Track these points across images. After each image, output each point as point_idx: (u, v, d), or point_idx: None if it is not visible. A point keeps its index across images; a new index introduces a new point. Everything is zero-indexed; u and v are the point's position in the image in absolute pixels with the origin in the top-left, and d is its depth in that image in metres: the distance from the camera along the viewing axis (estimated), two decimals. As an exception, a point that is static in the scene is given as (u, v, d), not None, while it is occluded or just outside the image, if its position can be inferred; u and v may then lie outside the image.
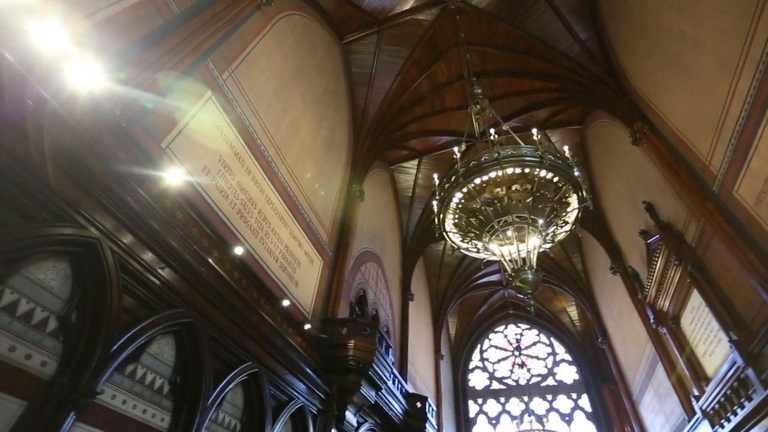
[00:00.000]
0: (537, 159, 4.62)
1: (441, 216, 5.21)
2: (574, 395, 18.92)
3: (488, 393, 20.04)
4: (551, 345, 21.23)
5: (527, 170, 4.67)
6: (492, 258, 5.40)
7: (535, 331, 21.96)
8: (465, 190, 4.89)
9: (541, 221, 4.81)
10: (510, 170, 4.67)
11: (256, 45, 7.39)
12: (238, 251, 5.33)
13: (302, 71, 9.30)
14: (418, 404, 10.05)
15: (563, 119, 13.28)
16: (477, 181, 4.79)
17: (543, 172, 4.66)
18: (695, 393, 8.62)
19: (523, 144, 4.92)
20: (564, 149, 5.19)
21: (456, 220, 5.22)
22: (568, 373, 19.85)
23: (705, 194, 7.44)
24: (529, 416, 16.55)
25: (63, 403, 3.04)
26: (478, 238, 5.18)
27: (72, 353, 3.24)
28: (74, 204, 3.31)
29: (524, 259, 4.75)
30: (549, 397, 19.08)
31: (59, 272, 3.30)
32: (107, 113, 3.70)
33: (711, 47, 6.76)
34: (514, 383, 20.08)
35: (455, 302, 18.87)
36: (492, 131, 5.27)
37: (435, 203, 5.25)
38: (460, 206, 5.04)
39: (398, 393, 9.30)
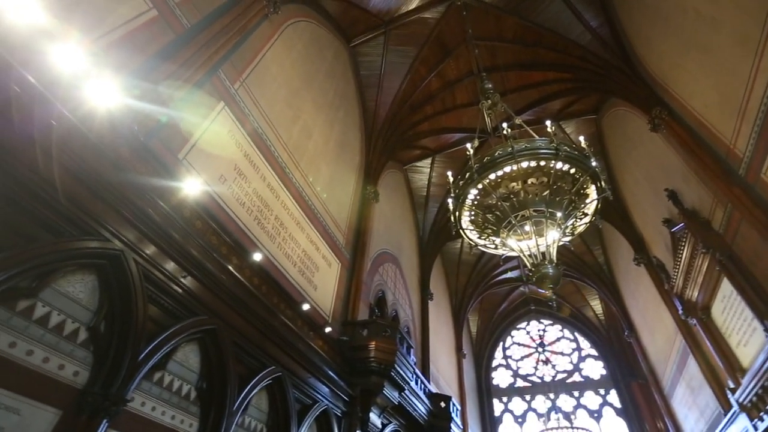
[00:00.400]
0: (552, 151, 4.53)
1: (457, 213, 5.16)
2: (602, 391, 18.46)
3: (513, 391, 19.75)
4: (576, 340, 20.79)
5: (543, 163, 4.59)
6: (510, 254, 5.33)
7: (559, 327, 21.55)
8: (480, 186, 4.83)
9: (560, 214, 4.71)
10: (525, 164, 4.59)
11: (266, 54, 7.49)
12: (257, 257, 5.40)
13: (312, 77, 9.38)
14: (442, 404, 9.99)
15: (578, 109, 13.03)
16: (492, 177, 4.73)
17: (559, 164, 4.56)
18: (731, 385, 8.31)
19: (537, 137, 4.85)
20: (580, 140, 5.08)
21: (472, 217, 5.17)
22: (595, 369, 19.40)
23: (731, 178, 7.18)
24: (556, 414, 16.22)
25: (96, 411, 3.13)
26: (496, 234, 5.12)
27: (102, 363, 3.33)
28: (98, 218, 3.41)
29: (544, 254, 4.67)
30: (576, 394, 18.68)
31: (87, 284, 3.40)
32: (125, 128, 3.80)
33: (729, 25, 6.52)
34: (539, 380, 19.72)
35: (475, 300, 18.69)
36: (505, 125, 5.21)
37: (450, 201, 5.21)
38: (476, 203, 4.99)
39: (421, 393, 9.26)
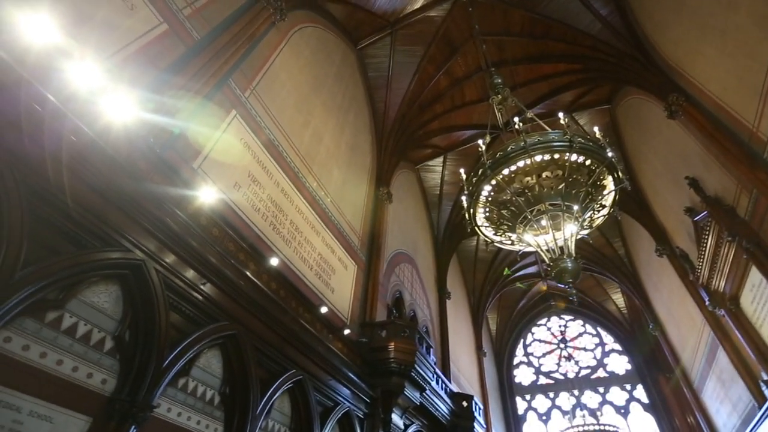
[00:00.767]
0: (566, 143, 4.45)
1: (471, 211, 5.12)
2: (628, 386, 18.03)
3: (536, 388, 19.46)
4: (598, 335, 20.38)
5: (557, 156, 4.51)
6: (528, 249, 5.25)
7: (580, 322, 21.16)
8: (493, 182, 4.78)
9: (577, 207, 4.63)
10: (538, 157, 4.52)
11: (274, 61, 7.58)
12: (274, 262, 5.45)
13: (320, 81, 9.45)
14: (464, 403, 9.90)
15: (590, 100, 12.79)
16: (505, 172, 4.67)
17: (573, 156, 4.48)
18: (765, 377, 8.01)
19: (550, 129, 4.77)
20: (594, 130, 4.98)
21: (487, 214, 5.12)
22: (620, 364, 18.97)
23: (755, 163, 6.93)
24: (582, 410, 15.92)
25: (124, 418, 3.21)
26: (512, 230, 5.05)
27: (128, 370, 3.41)
28: (119, 229, 3.50)
29: (562, 248, 4.59)
30: (601, 390, 18.29)
31: (111, 294, 3.49)
32: (141, 141, 3.89)
33: (746, 5, 6.32)
34: (562, 377, 19.39)
35: (493, 297, 18.50)
36: (516, 120, 5.14)
37: (464, 198, 5.17)
38: (490, 199, 4.94)
39: (443, 393, 9.20)
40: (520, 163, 4.59)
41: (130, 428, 3.22)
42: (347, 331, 6.86)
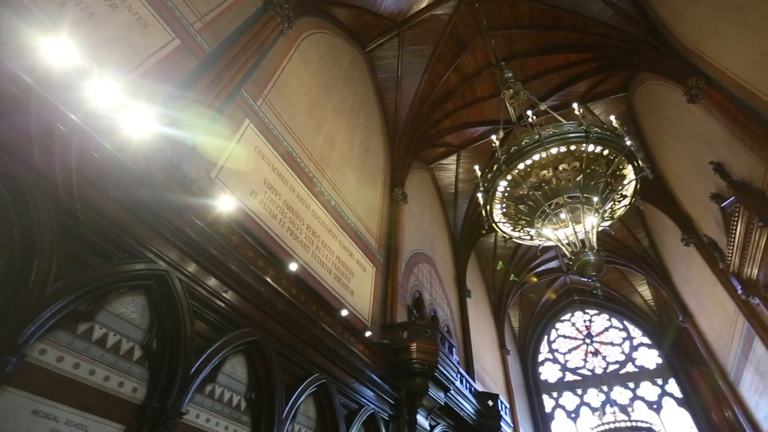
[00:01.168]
0: (582, 134, 4.37)
1: (488, 207, 5.07)
2: (660, 381, 17.48)
3: (562, 385, 19.07)
4: (625, 329, 19.84)
5: (573, 147, 4.43)
6: (547, 244, 5.16)
7: (606, 316, 20.65)
8: (509, 178, 4.73)
9: (596, 198, 4.54)
10: (554, 150, 4.46)
11: (284, 68, 7.67)
12: (293, 267, 5.51)
13: (330, 85, 9.52)
14: (490, 402, 9.79)
15: (605, 89, 12.50)
16: (520, 166, 4.62)
17: (590, 147, 4.40)
18: (805, 367, 7.66)
19: (565, 121, 4.68)
20: (611, 119, 4.87)
21: (504, 210, 5.06)
22: (650, 358, 18.41)
23: (784, 144, 6.67)
24: (612, 407, 15.51)
25: (155, 425, 3.28)
26: (530, 225, 4.98)
27: (157, 378, 3.50)
28: (142, 240, 3.59)
29: (583, 241, 4.50)
30: (631, 385, 17.79)
31: (137, 305, 3.59)
32: (160, 154, 3.99)
33: (767, -19, 6.08)
34: (590, 373, 18.95)
35: (514, 294, 18.25)
36: (530, 113, 5.07)
37: (480, 195, 5.12)
38: (507, 194, 4.88)
39: (467, 392, 9.11)
40: (536, 157, 4.53)
41: (162, 435, 3.29)
42: (368, 333, 6.87)
